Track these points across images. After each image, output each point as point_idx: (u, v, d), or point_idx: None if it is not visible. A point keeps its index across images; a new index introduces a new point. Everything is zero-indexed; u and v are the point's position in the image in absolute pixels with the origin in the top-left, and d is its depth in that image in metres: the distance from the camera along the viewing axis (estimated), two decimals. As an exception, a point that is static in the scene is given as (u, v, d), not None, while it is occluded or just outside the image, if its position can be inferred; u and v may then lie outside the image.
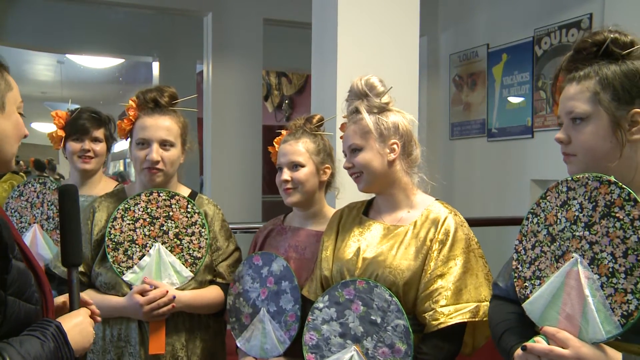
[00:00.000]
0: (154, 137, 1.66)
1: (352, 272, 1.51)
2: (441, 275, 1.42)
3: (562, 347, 1.04)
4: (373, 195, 1.65)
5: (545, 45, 3.88)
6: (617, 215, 1.03)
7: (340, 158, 1.82)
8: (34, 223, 2.04)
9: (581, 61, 1.17)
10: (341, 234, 1.61)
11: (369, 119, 1.52)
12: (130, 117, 1.71)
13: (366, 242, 1.53)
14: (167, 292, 1.61)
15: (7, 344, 0.96)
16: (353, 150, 1.55)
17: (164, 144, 1.68)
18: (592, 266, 1.05)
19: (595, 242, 1.06)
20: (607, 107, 1.11)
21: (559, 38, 3.78)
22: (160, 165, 1.67)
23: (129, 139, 1.75)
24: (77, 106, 2.21)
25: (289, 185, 1.70)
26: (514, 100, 4.15)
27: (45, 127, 11.96)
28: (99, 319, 1.27)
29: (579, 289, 1.05)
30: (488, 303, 1.40)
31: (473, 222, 1.57)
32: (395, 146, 1.53)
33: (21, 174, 2.70)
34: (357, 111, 1.56)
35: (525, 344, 1.09)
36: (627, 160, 1.11)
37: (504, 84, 4.24)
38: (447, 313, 1.39)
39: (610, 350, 1.02)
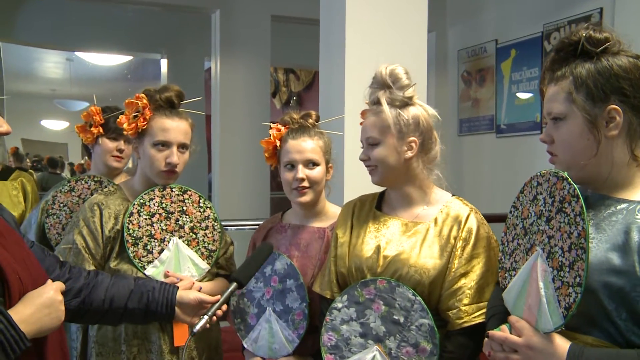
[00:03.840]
0: (175, 140, 1.67)
1: (373, 270, 1.47)
2: (465, 274, 1.41)
3: (518, 336, 1.10)
4: (381, 188, 1.61)
5: (554, 41, 3.84)
6: (566, 210, 1.05)
7: (337, 158, 1.80)
8: None
9: (561, 61, 1.18)
10: (355, 229, 1.56)
11: (389, 113, 1.47)
12: (146, 116, 1.68)
13: (385, 239, 1.50)
14: (194, 283, 1.65)
15: None
16: (370, 144, 1.50)
17: (180, 147, 1.70)
18: (548, 260, 1.09)
19: (551, 236, 1.09)
20: (580, 106, 1.12)
21: (568, 33, 3.74)
22: (177, 168, 1.70)
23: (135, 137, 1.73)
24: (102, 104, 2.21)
25: (305, 184, 1.66)
26: (523, 96, 4.12)
27: (55, 125, 12.01)
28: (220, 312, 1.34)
29: (537, 281, 1.10)
30: None
31: (481, 220, 1.56)
32: (413, 144, 1.49)
33: (30, 170, 2.69)
34: (378, 102, 1.49)
35: (488, 331, 1.16)
36: (604, 157, 1.12)
37: (512, 79, 4.22)
38: (471, 312, 1.39)
39: (559, 340, 1.06)
